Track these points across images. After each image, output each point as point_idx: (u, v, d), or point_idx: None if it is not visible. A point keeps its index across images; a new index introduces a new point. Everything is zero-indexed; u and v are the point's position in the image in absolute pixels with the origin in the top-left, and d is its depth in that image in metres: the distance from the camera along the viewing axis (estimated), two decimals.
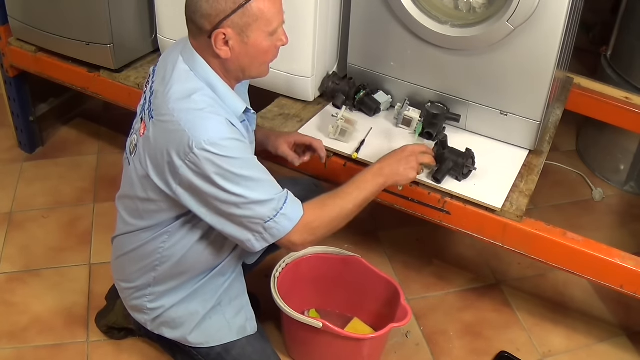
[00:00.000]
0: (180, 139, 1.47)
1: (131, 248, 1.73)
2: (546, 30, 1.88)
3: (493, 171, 1.98)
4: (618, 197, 2.84)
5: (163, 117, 1.51)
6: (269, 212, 1.53)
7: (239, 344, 1.76)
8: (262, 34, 1.51)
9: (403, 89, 2.20)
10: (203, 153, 1.45)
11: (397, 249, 2.47)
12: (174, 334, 1.78)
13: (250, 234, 1.55)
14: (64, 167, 2.80)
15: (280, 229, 1.55)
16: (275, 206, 1.53)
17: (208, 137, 1.45)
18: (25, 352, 2.03)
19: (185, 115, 1.48)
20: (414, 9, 2.03)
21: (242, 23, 1.48)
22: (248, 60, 1.55)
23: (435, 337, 2.16)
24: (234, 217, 1.53)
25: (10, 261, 2.34)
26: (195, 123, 1.47)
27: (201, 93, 1.52)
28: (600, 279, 1.87)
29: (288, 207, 1.55)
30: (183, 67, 1.55)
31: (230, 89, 1.58)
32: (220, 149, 1.46)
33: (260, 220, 1.53)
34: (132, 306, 1.84)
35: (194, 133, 1.46)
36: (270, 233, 1.55)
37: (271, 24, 1.51)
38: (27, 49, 2.52)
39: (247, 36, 1.50)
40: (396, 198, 1.98)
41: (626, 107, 2.49)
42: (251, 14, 1.47)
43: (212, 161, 1.46)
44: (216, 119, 1.49)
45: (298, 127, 2.14)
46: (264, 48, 1.53)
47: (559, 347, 2.15)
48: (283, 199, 1.55)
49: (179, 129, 1.47)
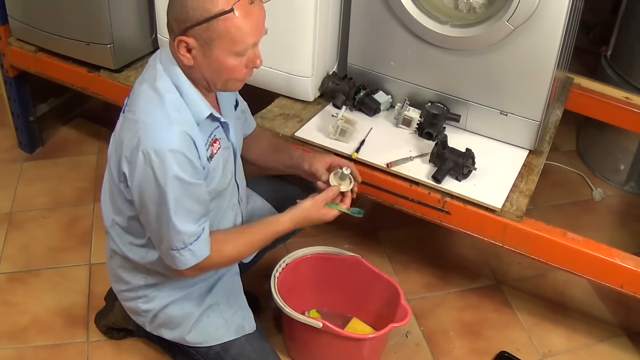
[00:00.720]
0: (133, 138, 1.49)
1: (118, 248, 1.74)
2: (546, 30, 1.88)
3: (493, 171, 1.98)
4: (618, 197, 2.84)
5: (130, 113, 1.54)
6: (178, 243, 1.54)
7: (238, 342, 1.76)
8: (225, 52, 1.46)
9: (403, 89, 2.20)
10: (145, 157, 1.46)
11: (397, 249, 2.47)
12: (173, 334, 1.78)
13: (163, 251, 1.59)
14: (64, 167, 2.80)
15: (182, 262, 1.57)
16: (186, 240, 1.54)
17: (155, 144, 1.46)
18: (25, 352, 2.03)
19: (144, 117, 1.49)
20: (414, 9, 2.03)
21: (205, 36, 1.45)
22: (211, 74, 1.52)
23: (435, 337, 2.16)
24: (151, 226, 1.57)
25: (10, 261, 2.34)
26: (149, 127, 1.47)
27: (168, 95, 1.51)
28: (600, 279, 1.87)
29: (197, 245, 1.56)
30: (159, 66, 1.55)
31: (197, 93, 1.54)
32: (161, 160, 1.45)
33: (166, 244, 1.56)
34: (128, 308, 1.85)
35: (144, 136, 1.47)
36: (170, 261, 1.58)
37: (237, 45, 1.45)
38: (27, 49, 2.52)
39: (210, 50, 1.47)
40: (396, 198, 1.98)
41: (626, 107, 2.49)
42: (216, 30, 1.44)
43: (149, 169, 1.47)
44: (171, 130, 1.47)
45: (298, 127, 2.14)
46: (228, 66, 1.49)
47: (559, 347, 2.15)
48: (196, 236, 1.55)
49: (135, 128, 1.49)
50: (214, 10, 1.42)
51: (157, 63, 1.55)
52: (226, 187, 1.69)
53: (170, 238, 1.54)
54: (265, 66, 2.20)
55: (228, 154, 1.69)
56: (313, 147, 2.07)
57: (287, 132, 2.11)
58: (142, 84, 1.56)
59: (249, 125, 1.93)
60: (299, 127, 2.13)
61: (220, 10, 1.42)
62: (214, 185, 1.63)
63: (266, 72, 2.20)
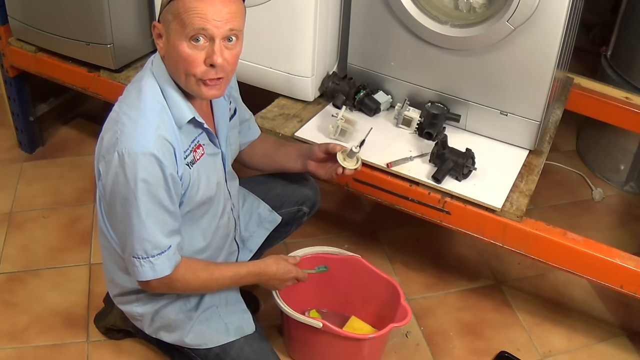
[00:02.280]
0: (111, 137, 1.48)
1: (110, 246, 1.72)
2: (546, 30, 1.88)
3: (493, 171, 1.98)
4: (618, 197, 2.84)
5: (113, 112, 1.53)
6: (139, 251, 1.52)
7: (237, 344, 1.75)
8: (178, 35, 1.42)
9: (403, 89, 2.20)
10: (118, 159, 1.45)
11: (397, 249, 2.47)
12: (172, 337, 1.78)
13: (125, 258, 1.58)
14: (64, 167, 2.80)
15: (140, 273, 1.55)
16: (148, 250, 1.52)
17: (129, 146, 1.45)
18: (25, 352, 2.03)
19: (124, 118, 1.48)
20: (414, 9, 2.03)
21: (166, 18, 1.44)
22: (172, 66, 1.48)
23: (435, 337, 2.16)
24: (117, 229, 1.55)
25: (10, 261, 2.33)
26: (128, 129, 1.47)
27: (151, 96, 1.50)
28: (600, 279, 1.87)
29: (160, 260, 1.54)
30: (150, 67, 1.55)
31: (179, 95, 1.52)
32: (134, 162, 1.44)
33: (129, 250, 1.54)
34: (125, 312, 1.84)
35: (122, 137, 1.46)
36: (131, 269, 1.57)
37: (185, 27, 1.40)
38: (27, 49, 2.52)
39: (169, 35, 1.44)
40: (396, 198, 1.98)
41: (626, 107, 2.49)
42: (171, 10, 1.42)
43: (121, 170, 1.46)
44: (150, 133, 1.46)
45: (298, 127, 2.14)
46: (183, 54, 1.43)
47: (559, 347, 2.15)
48: (160, 249, 1.53)
49: (115, 128, 1.48)
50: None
51: (150, 63, 1.55)
52: (214, 194, 1.66)
53: (133, 244, 1.51)
54: (265, 66, 2.21)
55: (214, 160, 1.66)
56: None
57: (287, 132, 2.11)
58: (132, 83, 1.56)
59: (252, 132, 1.92)
60: (299, 127, 2.14)
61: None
62: (201, 192, 1.60)
63: (266, 72, 2.20)
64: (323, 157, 1.82)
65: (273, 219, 1.95)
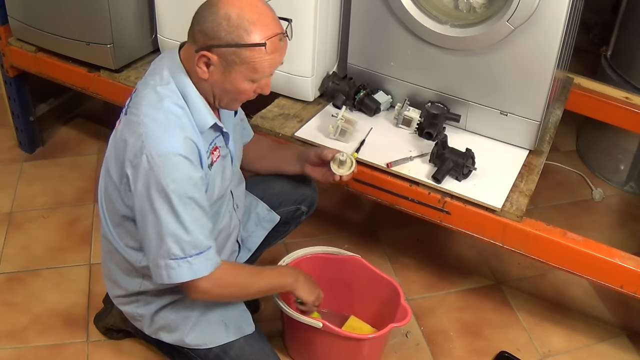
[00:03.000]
0: (136, 141, 1.48)
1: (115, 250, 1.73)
2: (546, 30, 1.88)
3: (493, 171, 1.98)
4: (618, 197, 2.84)
5: (132, 115, 1.53)
6: (176, 251, 1.51)
7: (237, 344, 1.75)
8: (243, 77, 1.50)
9: (403, 89, 2.20)
10: (149, 162, 1.46)
11: (397, 249, 2.47)
12: (172, 337, 1.78)
13: (155, 262, 1.54)
14: (64, 167, 2.80)
15: (177, 275, 1.53)
16: (186, 249, 1.51)
17: (159, 148, 1.46)
18: (25, 352, 2.03)
19: (148, 121, 1.49)
20: (414, 9, 2.03)
21: (229, 59, 1.47)
22: (220, 91, 1.55)
23: (435, 337, 2.16)
24: (149, 236, 1.53)
25: (10, 261, 2.33)
26: (154, 131, 1.48)
27: (171, 101, 1.51)
28: (600, 279, 1.87)
29: (198, 259, 1.52)
30: (165, 72, 1.55)
31: (203, 102, 1.56)
32: (165, 165, 1.46)
33: (165, 254, 1.51)
34: (125, 312, 1.84)
35: (148, 140, 1.47)
36: (167, 273, 1.53)
37: (256, 73, 1.50)
38: (27, 49, 2.52)
39: (229, 72, 1.49)
40: (396, 198, 1.98)
41: (626, 107, 2.49)
42: (242, 56, 1.47)
43: (153, 172, 1.46)
44: (175, 135, 1.48)
45: (298, 127, 2.14)
46: (240, 89, 1.53)
47: (559, 347, 2.15)
48: (199, 249, 1.52)
49: (138, 131, 1.49)
50: (246, 39, 1.45)
51: (163, 69, 1.56)
52: (224, 194, 1.70)
53: (168, 245, 1.50)
54: None
55: (226, 161, 1.69)
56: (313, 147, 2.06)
57: (287, 132, 2.11)
58: (145, 88, 1.55)
59: (247, 133, 1.94)
60: (299, 127, 2.13)
61: (253, 41, 1.45)
62: (216, 192, 1.63)
63: None
64: (318, 162, 1.86)
65: (272, 219, 1.96)
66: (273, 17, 1.50)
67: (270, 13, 1.50)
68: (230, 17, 1.44)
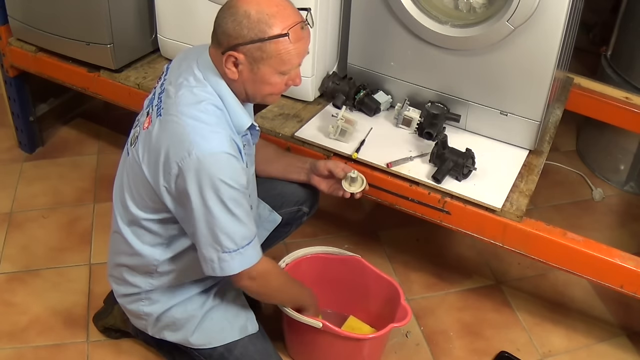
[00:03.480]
0: (181, 142, 1.49)
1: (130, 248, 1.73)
2: (546, 30, 1.88)
3: (493, 171, 1.98)
4: (618, 197, 2.84)
5: (170, 116, 1.53)
6: (230, 244, 1.54)
7: (241, 343, 1.76)
8: (272, 70, 1.53)
9: (403, 89, 2.20)
10: (199, 161, 1.47)
11: (397, 249, 2.47)
12: (176, 336, 1.78)
13: (208, 256, 1.56)
14: (64, 167, 2.80)
15: (231, 267, 1.56)
16: (238, 241, 1.55)
17: (209, 147, 1.47)
18: (25, 352, 2.03)
19: (191, 122, 1.50)
20: (414, 9, 2.03)
21: (256, 55, 1.49)
22: (253, 88, 1.57)
23: (435, 337, 2.16)
24: (200, 232, 1.54)
25: (10, 261, 2.33)
26: (199, 131, 1.49)
27: (209, 102, 1.53)
28: (600, 279, 1.87)
29: (248, 249, 1.57)
30: (197, 73, 1.56)
31: (238, 103, 1.59)
32: (216, 162, 1.48)
33: (218, 247, 1.54)
34: (130, 312, 1.84)
35: (196, 139, 1.48)
36: (221, 266, 1.56)
37: (284, 65, 1.52)
38: (27, 49, 2.52)
39: (258, 68, 1.52)
40: (396, 198, 1.98)
41: (626, 107, 2.49)
42: (268, 50, 1.49)
43: (204, 171, 1.47)
44: (220, 134, 1.51)
45: (298, 127, 2.14)
46: (271, 82, 1.55)
47: (559, 347, 2.15)
48: (248, 239, 1.57)
49: (183, 132, 1.49)
50: (269, 32, 1.47)
51: (194, 70, 1.57)
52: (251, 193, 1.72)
53: (221, 240, 1.53)
54: None
55: (252, 160, 1.73)
56: (313, 147, 2.07)
57: (287, 132, 2.11)
58: (180, 89, 1.55)
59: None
60: (299, 127, 2.13)
61: (276, 33, 1.47)
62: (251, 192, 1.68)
63: None
64: (328, 175, 1.88)
65: (273, 219, 1.96)
66: (292, 8, 1.52)
67: (288, 4, 1.52)
68: (249, 14, 1.47)
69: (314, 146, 2.06)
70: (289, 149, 2.09)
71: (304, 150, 2.07)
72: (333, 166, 1.87)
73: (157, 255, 1.69)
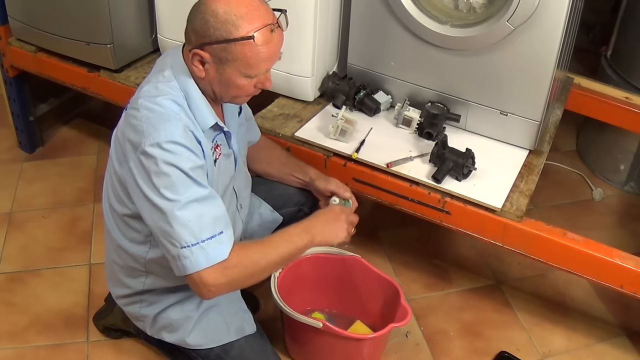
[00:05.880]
0: (136, 132, 1.48)
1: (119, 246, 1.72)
2: (546, 30, 1.88)
3: (493, 171, 1.98)
4: (618, 197, 2.84)
5: (131, 110, 1.53)
6: (188, 238, 1.45)
7: (238, 344, 1.76)
8: (238, 73, 1.49)
9: (403, 89, 2.20)
10: (151, 150, 1.45)
11: (397, 249, 2.47)
12: (173, 337, 1.78)
13: (169, 254, 1.49)
14: (64, 167, 2.80)
15: (193, 263, 1.45)
16: (197, 234, 1.45)
17: (161, 136, 1.45)
18: (25, 352, 2.03)
19: (148, 113, 1.49)
20: (414, 9, 2.03)
21: (221, 56, 1.47)
22: (219, 89, 1.55)
23: (435, 337, 2.16)
24: (159, 226, 1.48)
25: (10, 261, 2.33)
26: (154, 121, 1.47)
27: (169, 97, 1.51)
28: (600, 279, 1.87)
29: (212, 244, 1.46)
30: (168, 69, 1.56)
31: (204, 101, 1.56)
32: (167, 151, 1.45)
33: (177, 243, 1.45)
34: (128, 313, 1.85)
35: (149, 129, 1.46)
36: (182, 262, 1.46)
37: (251, 69, 1.48)
38: (27, 49, 2.52)
39: (223, 69, 1.49)
40: (396, 198, 1.98)
41: (626, 107, 2.49)
42: (233, 52, 1.46)
43: (156, 160, 1.45)
44: (175, 123, 1.48)
45: (298, 127, 2.14)
46: (237, 84, 1.52)
47: (559, 347, 2.15)
48: (210, 233, 1.46)
49: (139, 123, 1.48)
50: (235, 33, 1.44)
51: (166, 67, 1.56)
52: (224, 194, 1.68)
53: (178, 234, 1.45)
54: None
55: (229, 161, 1.69)
56: (313, 147, 2.07)
57: (287, 132, 2.11)
58: (147, 84, 1.56)
59: (253, 133, 1.94)
60: (299, 127, 2.13)
61: (241, 35, 1.44)
62: (220, 189, 1.63)
63: None
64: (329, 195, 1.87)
65: (274, 219, 1.96)
66: (265, 9, 1.48)
67: (261, 5, 1.48)
68: (217, 13, 1.44)
69: (314, 146, 2.06)
70: (289, 149, 2.09)
71: (304, 150, 2.07)
72: (335, 188, 1.84)
73: (142, 253, 1.68)
